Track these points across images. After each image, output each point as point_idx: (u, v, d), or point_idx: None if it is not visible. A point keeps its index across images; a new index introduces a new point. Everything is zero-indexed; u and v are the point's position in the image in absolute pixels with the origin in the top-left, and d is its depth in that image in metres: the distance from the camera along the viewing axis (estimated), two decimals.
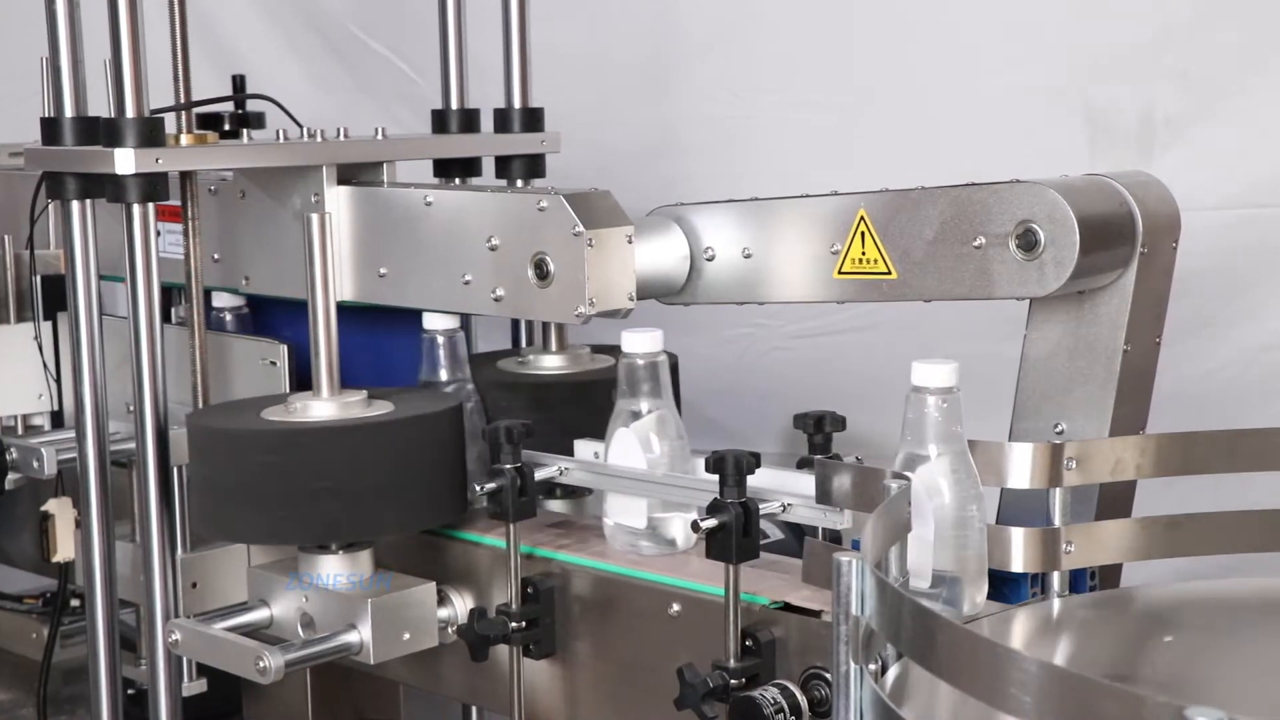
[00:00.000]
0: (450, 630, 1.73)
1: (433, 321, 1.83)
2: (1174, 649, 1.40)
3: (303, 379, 1.85)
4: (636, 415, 1.66)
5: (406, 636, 1.69)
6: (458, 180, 2.09)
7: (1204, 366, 2.28)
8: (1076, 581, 1.54)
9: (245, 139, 1.93)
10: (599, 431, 1.76)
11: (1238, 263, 2.28)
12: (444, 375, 1.84)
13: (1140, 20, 2.33)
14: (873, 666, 1.20)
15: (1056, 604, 1.50)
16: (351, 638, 1.66)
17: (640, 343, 1.65)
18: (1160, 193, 1.63)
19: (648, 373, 1.65)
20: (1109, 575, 1.62)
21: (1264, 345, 2.30)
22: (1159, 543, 1.54)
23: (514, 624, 1.66)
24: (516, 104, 2.09)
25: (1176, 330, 1.71)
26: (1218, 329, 2.30)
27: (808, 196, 1.72)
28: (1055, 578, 1.51)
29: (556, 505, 1.90)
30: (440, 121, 2.13)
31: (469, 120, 2.12)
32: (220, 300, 2.08)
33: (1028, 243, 1.54)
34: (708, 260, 1.79)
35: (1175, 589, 1.57)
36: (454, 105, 2.13)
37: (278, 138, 1.87)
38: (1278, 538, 1.55)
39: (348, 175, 1.88)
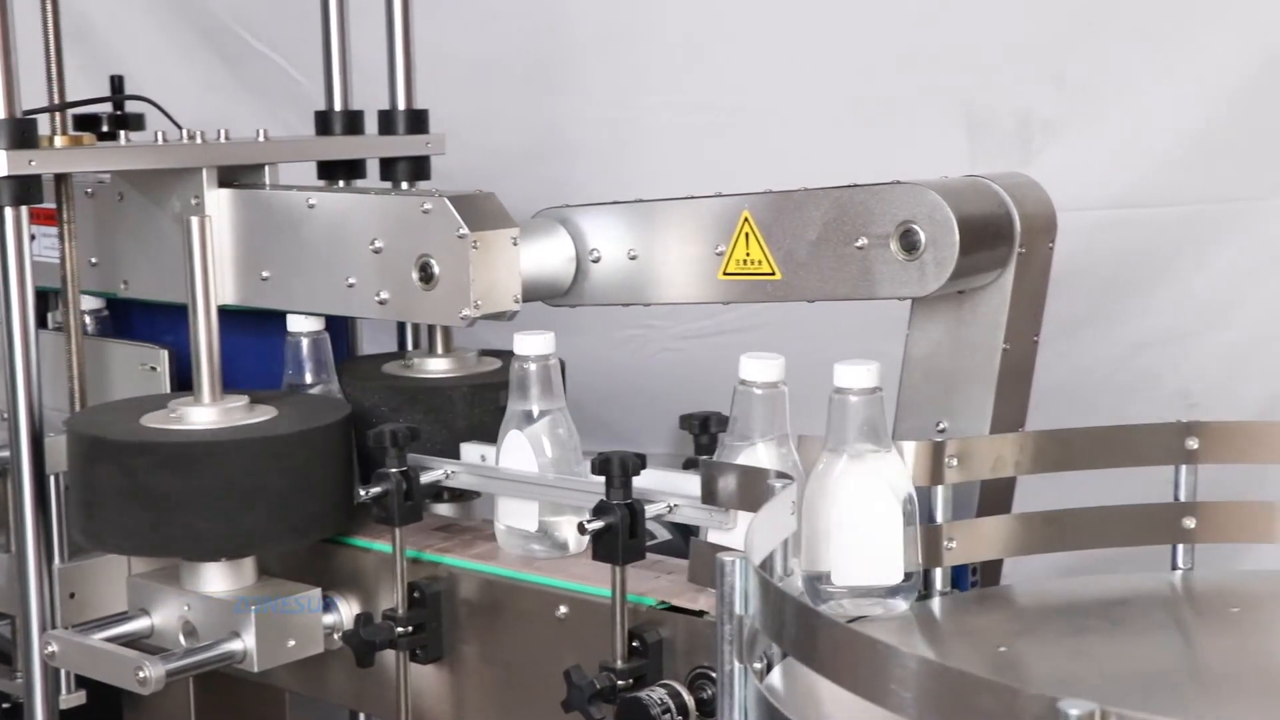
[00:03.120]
0: (336, 636, 1.72)
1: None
2: (1053, 643, 1.43)
3: (183, 383, 1.83)
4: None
5: (291, 643, 1.68)
6: (341, 182, 2.08)
7: (1081, 364, 2.32)
8: (958, 577, 1.56)
9: (123, 140, 1.90)
10: (486, 435, 1.75)
11: (1113, 263, 2.33)
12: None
13: (1019, 24, 2.36)
14: (758, 665, 1.20)
15: (938, 601, 1.52)
16: (234, 646, 1.64)
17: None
18: (1037, 194, 1.66)
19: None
20: (990, 571, 1.64)
21: (1138, 343, 2.35)
22: (1038, 538, 1.57)
23: (400, 629, 1.65)
24: (401, 105, 2.08)
25: (1054, 329, 1.74)
26: (1094, 328, 2.34)
27: (692, 198, 1.73)
28: (938, 574, 1.53)
29: (443, 509, 1.89)
30: (324, 123, 2.11)
31: (353, 122, 2.10)
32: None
33: (909, 243, 1.56)
34: (593, 262, 1.79)
35: (1054, 584, 1.60)
36: (337, 107, 2.11)
37: (156, 139, 1.85)
38: (1153, 531, 1.58)
39: (229, 177, 1.85)
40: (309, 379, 1.83)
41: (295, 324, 1.82)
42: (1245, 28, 2.26)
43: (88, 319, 2.05)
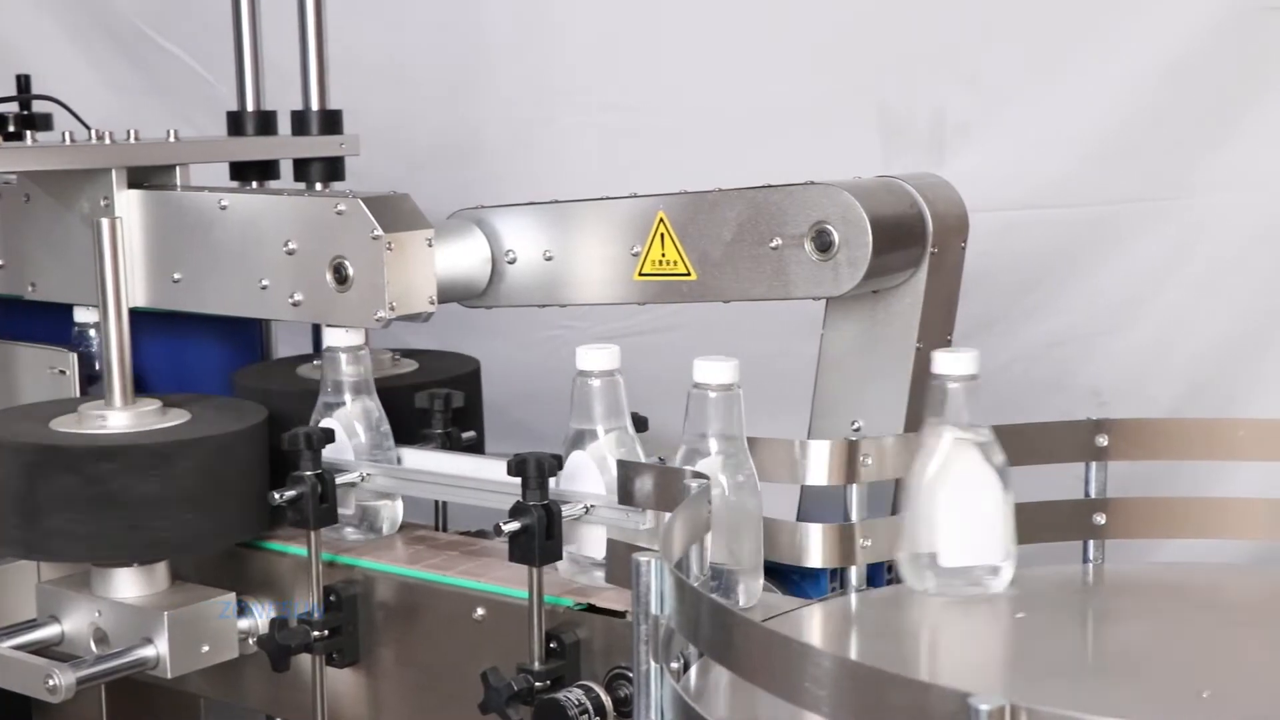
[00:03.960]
0: (251, 641, 1.71)
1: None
2: (968, 638, 1.44)
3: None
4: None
5: (205, 649, 1.66)
6: (254, 184, 2.06)
7: (994, 363, 2.32)
8: (874, 575, 1.57)
9: (29, 141, 1.87)
10: (401, 436, 1.75)
11: (1025, 262, 2.35)
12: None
13: (932, 26, 2.38)
14: (675, 665, 1.21)
15: (854, 598, 1.53)
16: (147, 652, 1.62)
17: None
18: (949, 194, 1.67)
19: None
20: None
21: (1051, 341, 2.38)
22: None
23: (316, 632, 1.64)
24: (314, 106, 2.06)
25: (967, 328, 1.75)
26: (1007, 326, 2.36)
27: (607, 199, 1.73)
28: (853, 572, 1.54)
29: None
30: (236, 124, 2.09)
31: (265, 122, 2.08)
32: None
33: (822, 243, 1.57)
34: (509, 263, 1.79)
35: None
36: (250, 107, 2.09)
37: (64, 140, 1.82)
38: (1064, 528, 1.60)
39: (139, 178, 1.83)
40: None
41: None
42: (1153, 31, 2.29)
43: None
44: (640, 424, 1.75)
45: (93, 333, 1.81)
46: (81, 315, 1.81)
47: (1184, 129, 2.30)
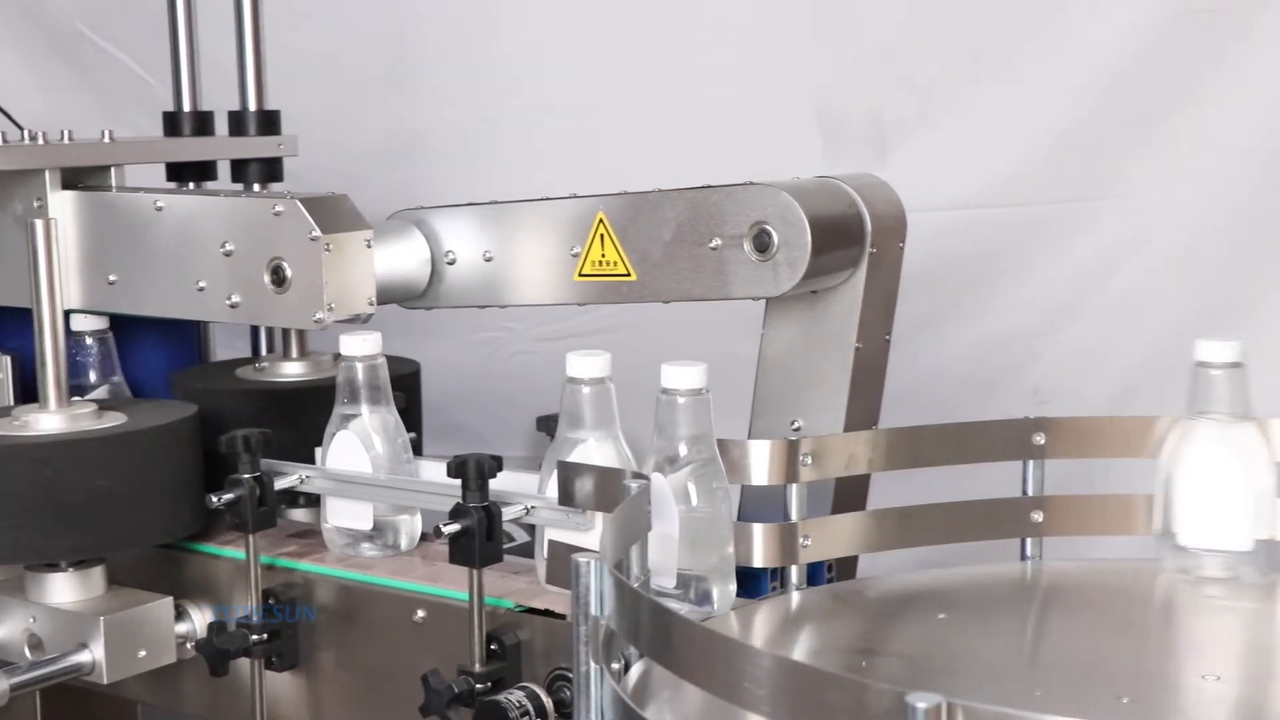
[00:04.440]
0: (189, 645, 1.69)
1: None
2: (906, 636, 1.45)
3: (28, 391, 1.78)
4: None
5: (142, 654, 1.65)
6: (191, 184, 2.04)
7: (934, 363, 2.36)
8: (814, 574, 1.57)
9: None
10: None
11: (964, 262, 2.36)
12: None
13: (870, 28, 2.39)
14: (615, 666, 1.20)
15: (795, 597, 1.53)
16: (83, 658, 1.61)
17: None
18: (887, 194, 1.68)
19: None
20: (845, 567, 1.66)
21: (990, 341, 2.39)
22: (892, 534, 1.59)
23: (255, 636, 1.63)
24: (252, 107, 2.05)
25: (908, 329, 1.76)
26: (946, 326, 2.37)
27: (547, 199, 1.73)
28: (794, 571, 1.54)
29: (299, 514, 1.87)
30: (172, 124, 2.07)
31: (202, 123, 2.07)
32: None
33: (761, 243, 1.58)
34: (449, 264, 1.78)
35: (908, 578, 1.62)
36: (186, 108, 2.07)
37: None
38: (1003, 526, 1.61)
39: (73, 179, 1.81)
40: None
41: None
42: (1090, 32, 2.31)
43: None
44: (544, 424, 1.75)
45: (89, 340, 1.78)
46: (78, 323, 1.78)
47: (1121, 130, 2.32)
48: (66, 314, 1.76)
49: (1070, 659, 1.37)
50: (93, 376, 1.80)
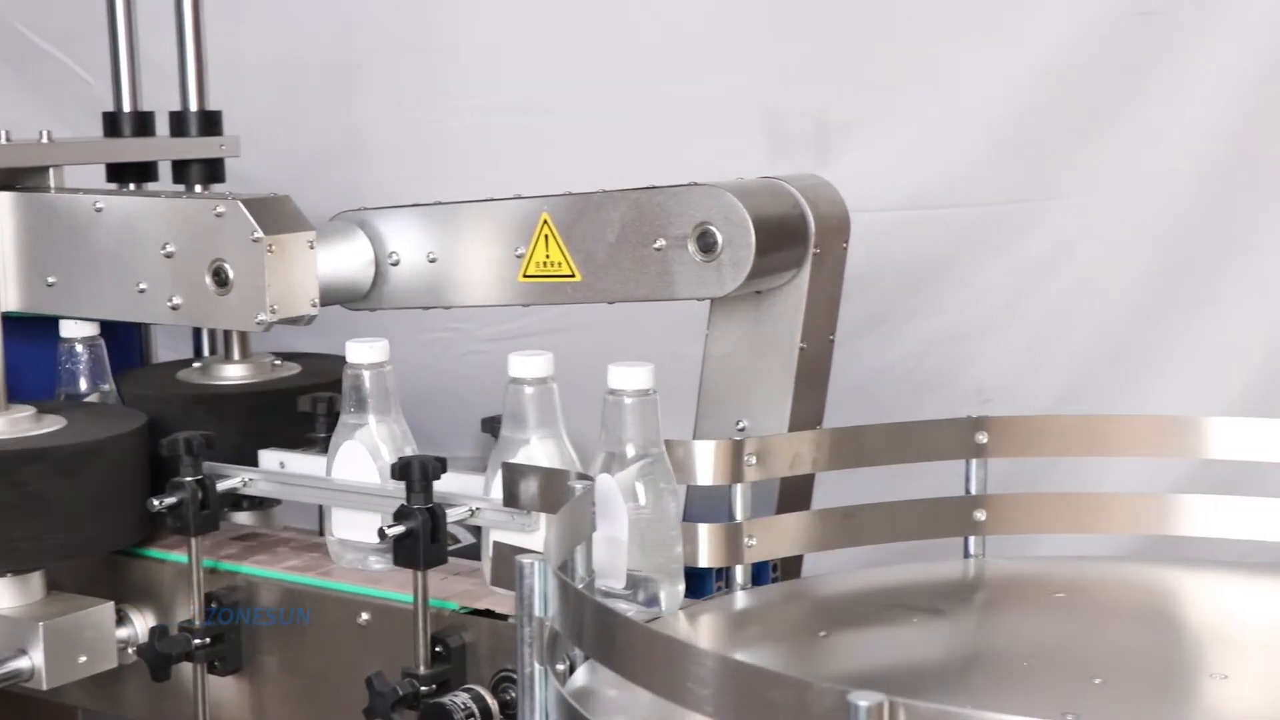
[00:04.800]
0: (130, 650, 1.68)
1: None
2: (851, 635, 1.45)
3: None
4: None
5: (83, 659, 1.63)
6: (132, 185, 2.02)
7: (879, 362, 2.37)
8: (759, 574, 1.58)
9: None
10: (285, 441, 1.73)
11: (909, 262, 2.37)
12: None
13: (815, 28, 2.40)
14: (560, 667, 1.20)
15: (740, 597, 1.54)
16: (22, 664, 1.59)
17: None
18: (831, 194, 1.69)
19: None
20: (790, 566, 1.66)
21: (934, 340, 2.40)
22: (836, 533, 1.59)
23: (197, 640, 1.62)
24: (193, 107, 2.03)
25: (853, 329, 1.77)
26: (891, 326, 2.38)
27: (491, 200, 1.72)
28: (739, 571, 1.54)
29: (243, 517, 1.86)
30: (112, 125, 2.05)
31: (143, 123, 2.05)
32: None
33: (706, 244, 1.58)
34: (393, 265, 1.78)
35: (853, 578, 1.63)
36: (126, 108, 2.05)
37: None
38: (946, 524, 1.61)
39: (11, 180, 1.79)
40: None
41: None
42: (1032, 33, 2.32)
43: None
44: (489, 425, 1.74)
45: (79, 347, 1.76)
46: (69, 330, 1.76)
47: (1063, 130, 2.33)
48: (6, 317, 1.75)
49: (1013, 657, 1.38)
50: (83, 385, 1.78)
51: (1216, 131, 2.27)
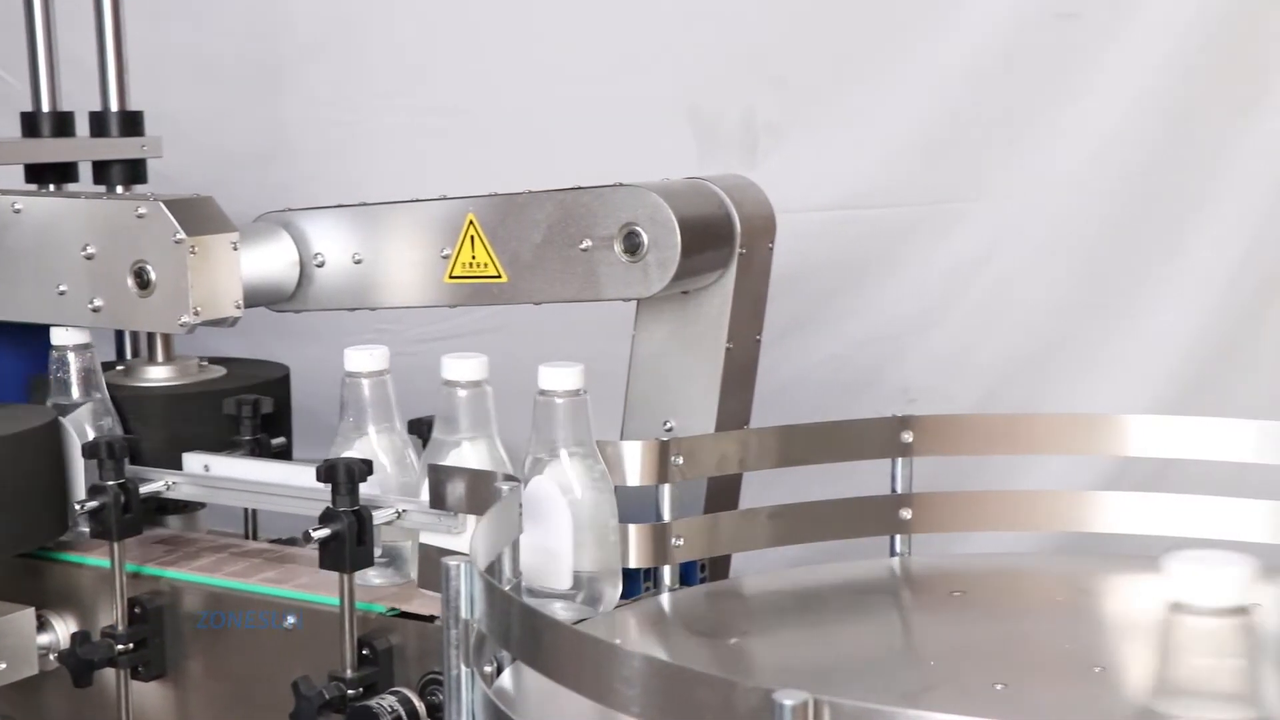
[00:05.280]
0: (51, 657, 1.66)
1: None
2: (779, 633, 1.46)
3: None
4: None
5: (2, 666, 1.60)
6: (51, 186, 2.00)
7: (806, 362, 2.38)
8: (687, 574, 1.58)
9: None
10: (209, 444, 1.72)
11: (835, 263, 2.38)
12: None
13: (743, 29, 2.41)
14: (487, 669, 1.20)
15: (668, 597, 1.54)
16: None
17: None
18: (756, 195, 1.69)
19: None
20: (719, 566, 1.67)
21: (861, 340, 2.41)
22: (763, 533, 1.60)
23: (120, 646, 1.60)
24: (114, 107, 2.01)
25: (781, 329, 1.78)
26: (818, 326, 2.39)
27: (416, 201, 1.72)
28: (666, 571, 1.54)
29: (168, 521, 1.84)
30: (30, 124, 2.03)
31: (63, 123, 2.02)
32: None
33: (631, 245, 1.58)
34: (318, 267, 1.77)
35: (781, 577, 1.64)
36: (45, 107, 2.03)
37: None
38: (872, 523, 1.62)
39: None
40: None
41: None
42: (956, 35, 2.34)
43: None
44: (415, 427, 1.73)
45: (70, 355, 1.73)
46: (60, 337, 1.73)
47: (986, 133, 2.35)
48: None
49: (937, 654, 1.39)
50: (75, 394, 1.75)
51: (1138, 133, 2.30)
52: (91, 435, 1.70)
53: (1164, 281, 2.33)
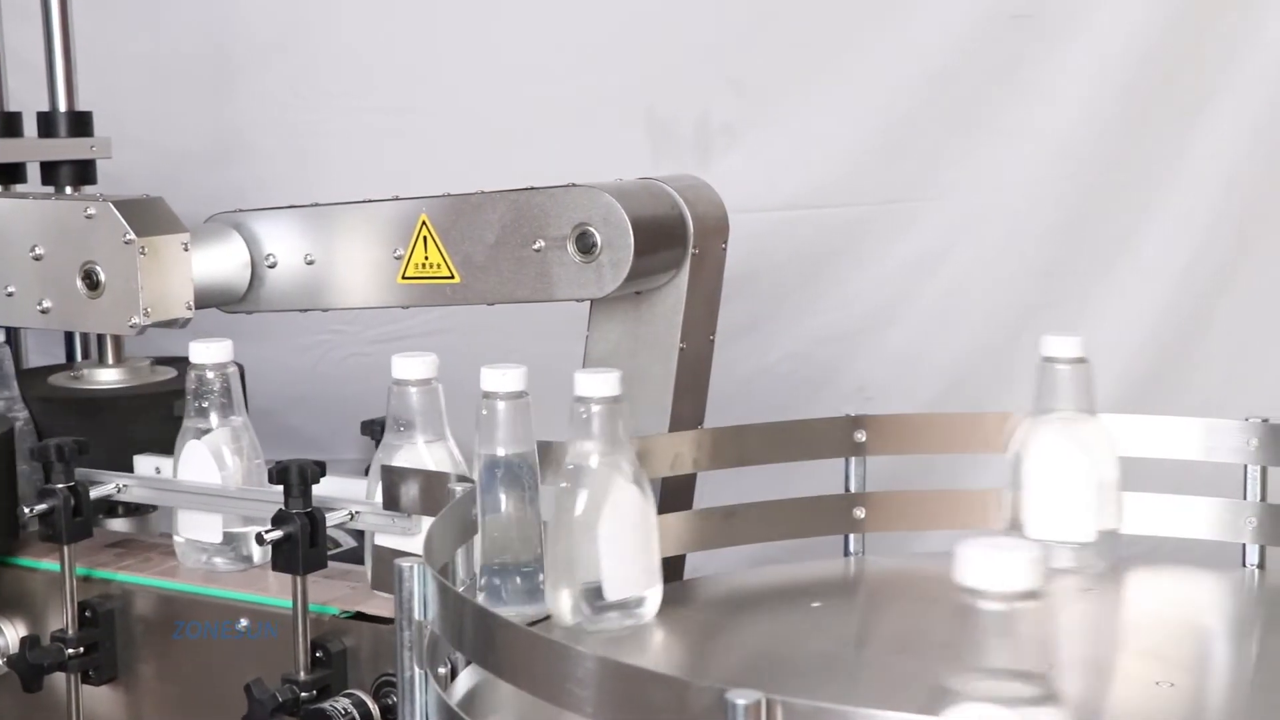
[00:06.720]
0: (1, 661, 1.64)
1: None
2: (735, 633, 1.46)
3: None
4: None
5: None
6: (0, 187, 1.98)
7: (761, 362, 2.38)
8: None
9: None
10: (161, 446, 1.70)
11: (790, 262, 2.39)
12: None
13: (697, 30, 2.41)
14: (441, 671, 1.19)
15: None
16: None
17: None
18: (709, 196, 1.69)
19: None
20: (673, 566, 1.67)
21: (816, 339, 2.42)
22: (718, 533, 1.60)
23: (70, 650, 1.59)
24: (62, 107, 1.99)
25: (736, 329, 1.78)
26: (773, 326, 2.40)
27: (369, 201, 1.71)
28: None
29: (118, 524, 1.83)
30: None
31: (10, 124, 2.01)
32: None
33: (585, 245, 1.58)
34: (269, 267, 1.76)
35: (735, 577, 1.63)
36: None
37: None
38: (826, 522, 1.62)
39: None
40: None
41: None
42: (911, 36, 2.35)
43: None
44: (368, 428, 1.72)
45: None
46: None
47: (939, 132, 2.37)
48: None
49: (891, 653, 1.39)
50: None
51: (1091, 133, 2.32)
52: None
53: (1116, 280, 2.35)
